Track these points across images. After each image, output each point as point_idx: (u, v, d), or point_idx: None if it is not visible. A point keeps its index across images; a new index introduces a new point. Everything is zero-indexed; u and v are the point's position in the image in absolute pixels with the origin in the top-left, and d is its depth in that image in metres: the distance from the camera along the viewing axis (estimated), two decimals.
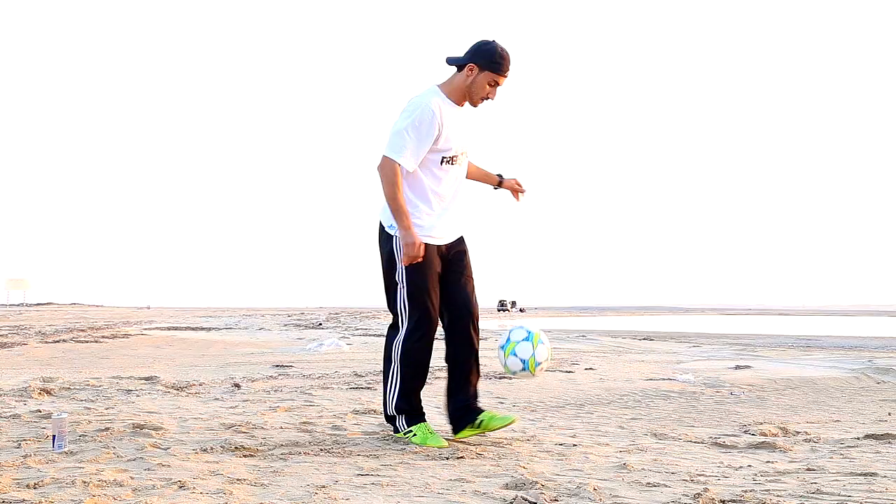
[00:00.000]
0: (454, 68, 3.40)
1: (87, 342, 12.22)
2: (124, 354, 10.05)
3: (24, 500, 2.25)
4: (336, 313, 39.54)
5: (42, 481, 2.48)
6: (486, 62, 3.30)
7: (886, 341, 16.61)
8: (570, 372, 7.49)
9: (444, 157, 3.37)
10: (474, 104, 3.41)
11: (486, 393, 5.59)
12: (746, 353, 10.98)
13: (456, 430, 3.49)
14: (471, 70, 3.33)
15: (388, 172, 3.26)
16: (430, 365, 3.58)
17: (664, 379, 6.83)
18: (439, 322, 3.49)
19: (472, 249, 3.63)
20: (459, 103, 3.40)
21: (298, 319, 27.87)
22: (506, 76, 3.34)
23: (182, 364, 8.50)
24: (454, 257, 3.52)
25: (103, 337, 13.60)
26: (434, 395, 4.78)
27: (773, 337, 19.60)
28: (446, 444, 3.34)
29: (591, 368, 7.99)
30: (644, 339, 17.20)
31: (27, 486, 2.44)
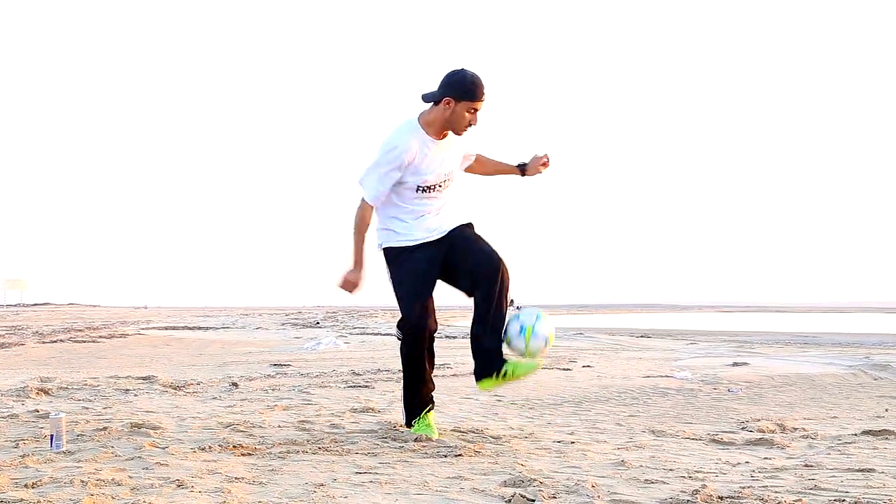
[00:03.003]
0: (430, 104, 3.47)
1: (84, 342, 12.20)
2: (122, 354, 10.04)
3: (22, 500, 2.25)
4: (333, 312, 39.51)
5: (40, 481, 2.48)
6: (460, 93, 3.38)
7: (883, 338, 16.65)
8: (567, 369, 7.49)
9: (419, 187, 3.50)
10: (459, 133, 3.48)
11: (484, 391, 5.59)
12: (744, 350, 11.00)
13: (478, 379, 3.52)
14: (447, 104, 3.40)
15: (358, 206, 3.53)
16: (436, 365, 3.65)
17: (662, 376, 6.84)
18: (430, 323, 3.52)
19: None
20: (439, 136, 3.48)
21: (296, 318, 27.86)
22: (483, 100, 3.42)
23: (180, 363, 8.50)
24: (457, 241, 3.57)
25: (101, 337, 13.58)
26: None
27: (770, 334, 19.63)
28: (437, 435, 3.47)
29: (588, 366, 8.00)
30: (641, 336, 17.22)
31: (25, 485, 2.44)
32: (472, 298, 3.53)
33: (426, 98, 3.45)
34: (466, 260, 3.52)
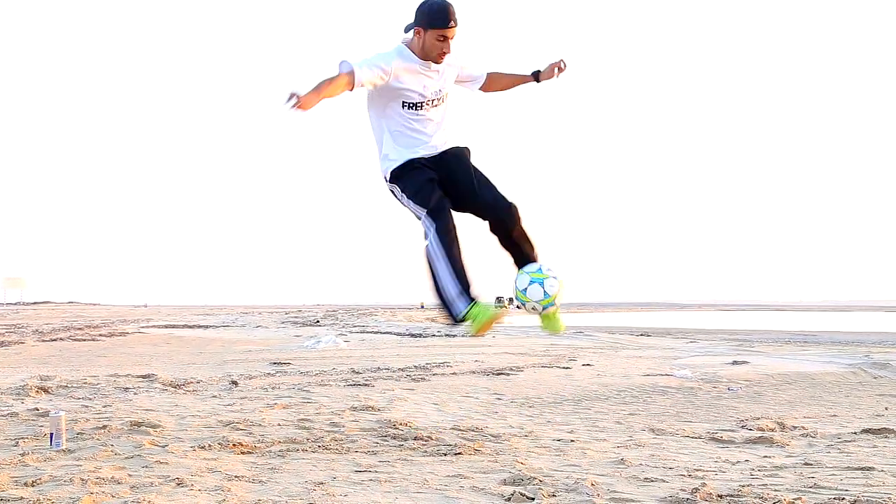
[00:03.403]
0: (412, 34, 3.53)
1: (84, 340, 12.20)
2: (122, 353, 10.04)
3: (22, 498, 2.25)
4: (333, 310, 39.50)
5: (40, 479, 2.48)
6: (427, 21, 3.41)
7: (883, 337, 16.66)
8: (567, 368, 7.49)
9: (405, 102, 3.51)
10: (437, 62, 3.51)
11: (484, 389, 5.59)
12: (743, 349, 11.00)
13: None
14: (418, 33, 3.45)
15: (338, 67, 3.44)
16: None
17: (661, 375, 6.84)
18: (450, 212, 3.45)
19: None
20: (425, 60, 3.51)
21: (296, 317, 27.86)
22: (451, 27, 3.42)
23: (179, 362, 8.50)
24: (454, 164, 3.54)
25: (100, 335, 13.58)
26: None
27: (770, 332, 19.64)
28: (500, 312, 3.24)
29: (588, 364, 8.00)
30: (641, 335, 17.23)
31: (25, 483, 2.44)
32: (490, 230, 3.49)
33: (406, 29, 3.52)
34: (478, 200, 3.47)
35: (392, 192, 3.61)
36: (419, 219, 3.47)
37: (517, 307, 3.47)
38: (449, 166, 3.55)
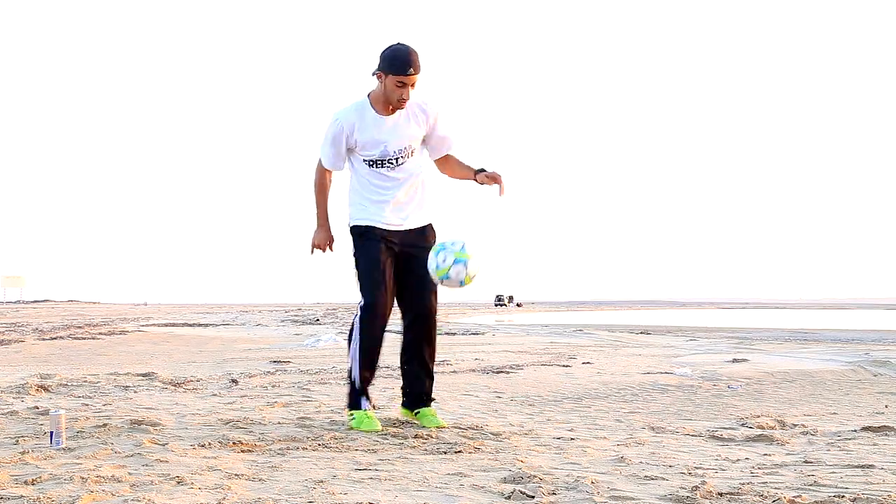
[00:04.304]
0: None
1: (84, 339, 12.20)
2: (121, 351, 10.04)
3: (22, 497, 2.25)
4: (333, 309, 39.47)
5: (40, 477, 2.48)
6: (387, 67, 3.48)
7: (883, 334, 16.66)
8: (567, 366, 7.50)
9: (367, 161, 3.60)
10: (397, 107, 3.55)
11: (484, 387, 5.59)
12: (743, 347, 11.00)
13: (403, 406, 3.82)
14: (380, 77, 3.53)
15: (316, 168, 3.75)
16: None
17: (661, 373, 6.84)
18: (390, 302, 3.64)
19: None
20: (386, 110, 3.57)
21: (296, 315, 27.86)
22: (409, 74, 3.46)
23: (179, 360, 8.50)
24: (414, 253, 3.63)
25: (100, 334, 13.58)
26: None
27: (770, 330, 19.64)
28: (380, 428, 3.53)
29: (588, 362, 8.00)
30: (641, 333, 17.23)
31: (25, 482, 2.44)
32: (404, 327, 3.74)
33: (373, 74, 3.57)
34: (415, 298, 3.67)
35: (351, 240, 3.74)
36: (358, 289, 3.65)
37: (440, 280, 3.49)
38: (406, 256, 3.64)
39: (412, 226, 3.67)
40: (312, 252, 3.77)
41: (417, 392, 3.75)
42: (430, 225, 3.74)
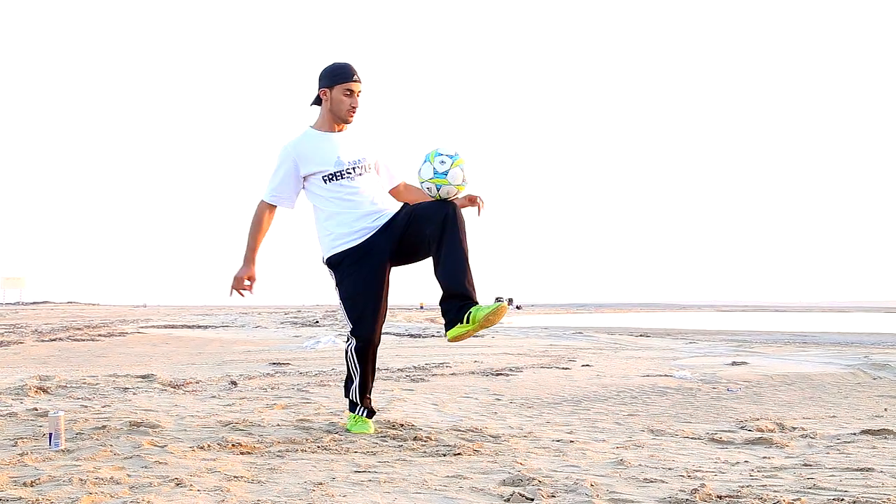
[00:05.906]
0: (318, 107, 3.61)
1: (83, 340, 12.20)
2: (121, 353, 10.04)
3: (20, 498, 2.25)
4: (333, 311, 39.47)
5: (39, 479, 2.48)
6: (330, 80, 3.52)
7: (882, 337, 16.67)
8: (566, 369, 7.49)
9: (324, 177, 3.54)
10: (347, 120, 3.56)
11: (483, 390, 5.59)
12: (743, 350, 11.00)
13: (447, 329, 3.35)
14: (324, 94, 3.55)
15: (257, 205, 3.63)
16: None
17: (661, 375, 6.84)
18: (380, 323, 3.55)
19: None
20: (332, 129, 3.59)
21: (295, 317, 27.85)
22: (355, 80, 3.51)
23: (179, 362, 8.49)
24: (405, 222, 3.46)
25: (100, 335, 13.57)
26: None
27: (769, 333, 19.65)
28: (372, 430, 3.56)
29: (587, 365, 8.00)
30: (641, 335, 17.23)
31: (24, 483, 2.44)
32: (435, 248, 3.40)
33: (312, 104, 3.61)
34: (421, 226, 3.39)
35: (329, 274, 3.64)
36: (345, 319, 3.59)
37: (434, 188, 3.45)
38: (406, 232, 3.45)
39: (390, 215, 3.53)
40: (231, 293, 3.62)
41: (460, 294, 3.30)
42: (406, 204, 3.60)
